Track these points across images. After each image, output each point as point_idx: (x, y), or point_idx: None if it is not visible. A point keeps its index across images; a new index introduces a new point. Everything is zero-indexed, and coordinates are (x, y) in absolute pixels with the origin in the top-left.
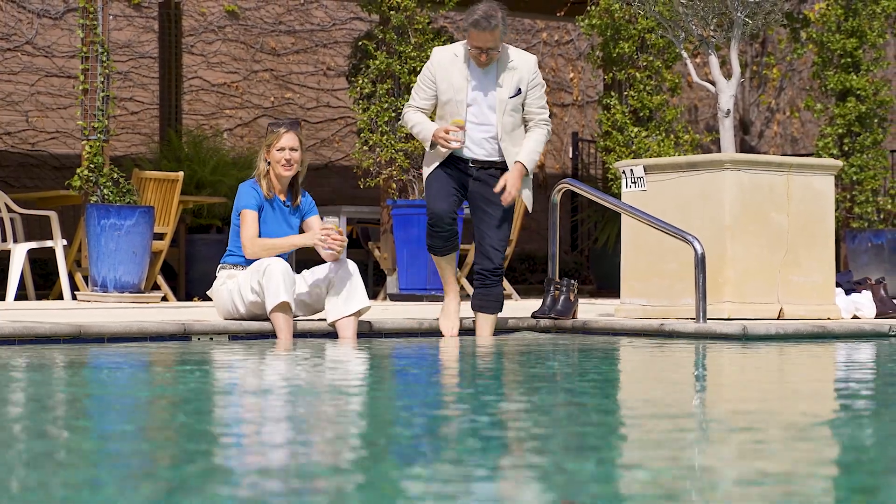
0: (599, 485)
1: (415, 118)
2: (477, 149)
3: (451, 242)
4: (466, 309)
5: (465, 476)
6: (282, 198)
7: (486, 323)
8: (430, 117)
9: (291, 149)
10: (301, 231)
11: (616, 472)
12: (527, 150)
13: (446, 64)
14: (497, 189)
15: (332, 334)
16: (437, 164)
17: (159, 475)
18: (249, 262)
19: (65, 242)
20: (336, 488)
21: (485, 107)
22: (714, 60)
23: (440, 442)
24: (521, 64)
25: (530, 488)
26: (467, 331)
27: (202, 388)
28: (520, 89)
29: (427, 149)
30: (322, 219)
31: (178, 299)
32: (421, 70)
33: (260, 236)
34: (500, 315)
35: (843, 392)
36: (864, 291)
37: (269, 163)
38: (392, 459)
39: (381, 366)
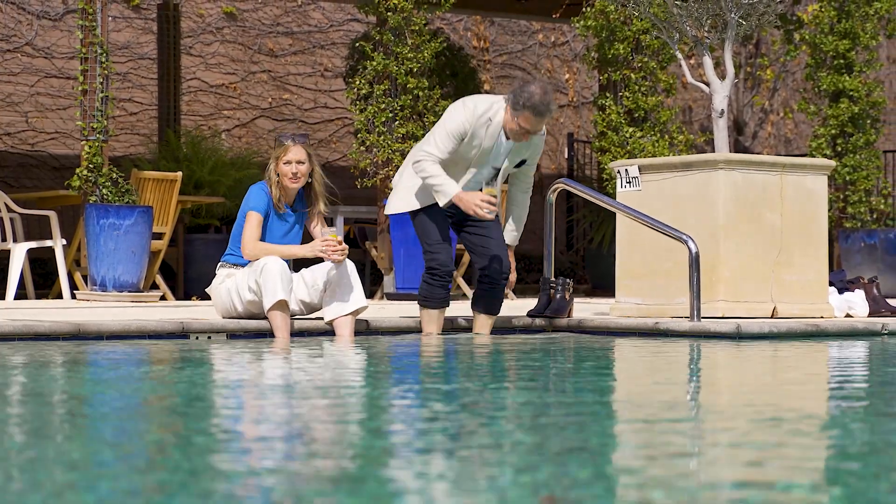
0: (589, 481)
1: (436, 170)
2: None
3: (449, 289)
4: (461, 308)
5: (456, 471)
6: (290, 204)
7: (486, 323)
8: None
9: (298, 162)
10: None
11: (607, 468)
12: (513, 228)
13: (480, 128)
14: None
15: (329, 333)
16: (423, 204)
17: (156, 473)
18: (249, 262)
19: (64, 242)
20: (331, 486)
21: (491, 163)
22: (708, 61)
23: (436, 438)
24: (537, 137)
25: (521, 482)
26: (465, 329)
27: (200, 386)
28: (525, 160)
29: (440, 203)
30: (325, 225)
31: (177, 298)
32: (450, 115)
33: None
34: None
35: (835, 389)
36: (857, 290)
37: (278, 174)
38: (389, 457)
39: (378, 364)
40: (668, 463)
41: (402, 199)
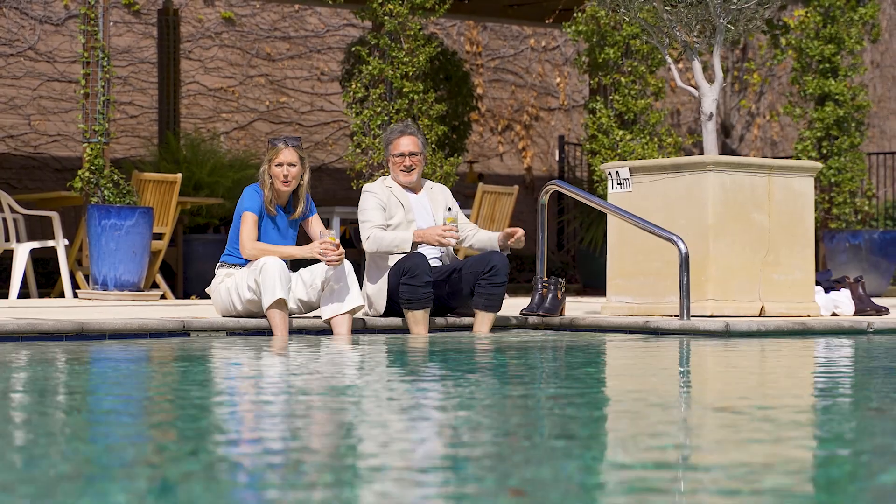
0: (580, 473)
1: (382, 233)
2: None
3: (429, 290)
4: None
5: (449, 464)
6: (282, 206)
7: (486, 320)
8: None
9: (289, 164)
10: (301, 231)
11: (600, 461)
12: (486, 237)
13: (389, 195)
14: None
15: (326, 331)
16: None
17: (159, 467)
18: (247, 262)
19: (66, 242)
20: (331, 478)
21: (428, 222)
22: (697, 65)
23: (434, 431)
24: (440, 191)
25: (514, 474)
26: (463, 328)
27: (201, 383)
28: (450, 208)
29: (406, 249)
30: (323, 227)
31: (177, 297)
32: (362, 200)
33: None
34: None
35: (821, 385)
36: (842, 290)
37: (271, 176)
38: (387, 450)
39: (375, 361)
40: (659, 451)
41: (373, 289)
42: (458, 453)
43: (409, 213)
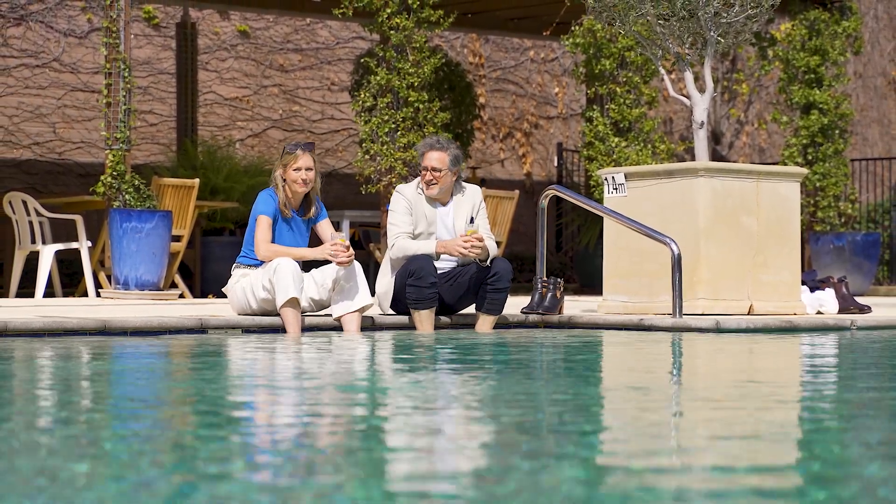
0: (577, 465)
1: (408, 242)
2: (441, 263)
3: (434, 291)
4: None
5: (449, 458)
6: (296, 209)
7: (487, 321)
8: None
9: (307, 169)
10: (313, 233)
11: (595, 454)
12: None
13: (418, 200)
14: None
15: (337, 328)
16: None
17: (173, 460)
18: (262, 263)
19: (89, 244)
20: (336, 467)
21: (446, 236)
22: (689, 76)
23: (436, 424)
24: (473, 195)
25: (512, 462)
26: (466, 325)
27: (218, 377)
28: (472, 218)
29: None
30: (334, 229)
31: (194, 296)
32: (392, 202)
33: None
34: None
35: (806, 378)
36: (827, 289)
37: (284, 180)
38: (389, 445)
39: (383, 357)
40: (654, 442)
41: (384, 286)
42: (456, 444)
43: (431, 225)
